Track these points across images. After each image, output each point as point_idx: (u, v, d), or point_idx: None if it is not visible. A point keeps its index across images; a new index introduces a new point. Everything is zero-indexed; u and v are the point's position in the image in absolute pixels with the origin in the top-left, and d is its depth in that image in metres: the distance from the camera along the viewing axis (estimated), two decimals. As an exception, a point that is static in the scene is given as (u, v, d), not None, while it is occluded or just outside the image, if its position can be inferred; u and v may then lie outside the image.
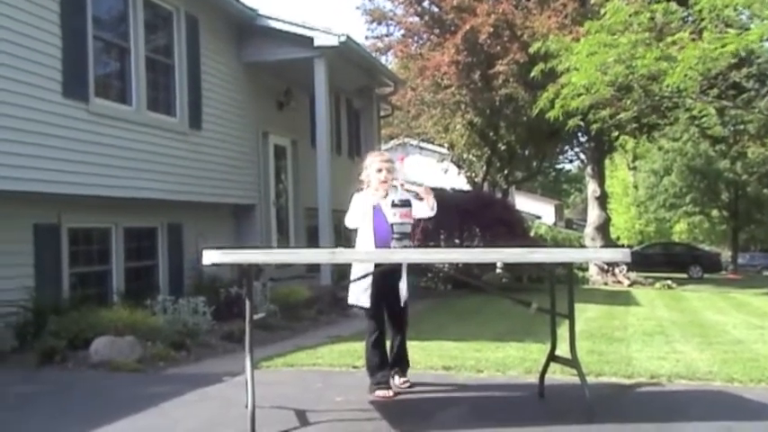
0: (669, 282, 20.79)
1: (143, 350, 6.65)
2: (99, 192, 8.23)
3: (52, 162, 7.49)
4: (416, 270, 14.13)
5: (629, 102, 14.39)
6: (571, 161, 32.07)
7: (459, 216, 15.58)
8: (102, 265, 8.86)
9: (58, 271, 7.93)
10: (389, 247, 4.94)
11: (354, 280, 5.22)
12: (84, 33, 8.05)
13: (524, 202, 35.43)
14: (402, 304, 5.31)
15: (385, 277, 5.15)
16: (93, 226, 8.76)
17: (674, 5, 13.23)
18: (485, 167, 22.70)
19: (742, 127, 29.12)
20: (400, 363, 5.43)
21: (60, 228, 8.02)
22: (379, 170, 5.31)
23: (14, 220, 7.48)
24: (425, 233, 15.11)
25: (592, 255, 12.73)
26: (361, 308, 5.33)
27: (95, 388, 5.75)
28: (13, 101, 7.01)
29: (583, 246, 24.27)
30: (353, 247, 5.55)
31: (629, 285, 20.19)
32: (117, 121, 8.58)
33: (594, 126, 15.01)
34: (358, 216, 5.30)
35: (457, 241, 15.94)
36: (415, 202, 5.20)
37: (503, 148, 22.29)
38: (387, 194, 5.28)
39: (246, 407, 4.26)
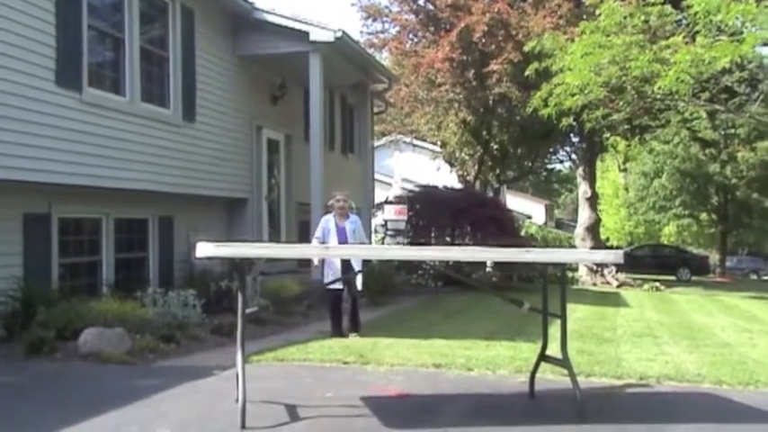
0: (657, 284, 20.87)
1: (132, 342, 6.63)
2: (90, 182, 8.18)
3: (43, 151, 7.43)
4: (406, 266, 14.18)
5: (621, 103, 14.42)
6: (562, 162, 32.08)
7: (452, 214, 15.57)
8: (92, 255, 8.81)
9: (47, 261, 7.88)
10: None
11: (328, 283, 8.04)
12: (78, 22, 7.98)
13: (515, 202, 35.48)
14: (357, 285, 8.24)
15: (346, 268, 7.92)
16: (83, 216, 8.71)
17: (668, 8, 13.27)
18: (477, 166, 22.73)
19: (732, 131, 29.40)
20: (354, 323, 8.14)
21: (50, 217, 7.97)
22: (338, 201, 8.23)
23: (4, 209, 7.42)
24: (417, 230, 15.18)
25: (586, 256, 12.72)
26: (332, 288, 7.99)
27: (84, 379, 5.73)
28: (4, 88, 6.93)
29: (573, 246, 24.32)
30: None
31: (618, 286, 20.25)
32: (110, 111, 8.52)
33: (587, 126, 15.02)
34: (320, 231, 8.19)
35: (448, 239, 15.94)
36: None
37: (495, 147, 22.32)
38: (347, 217, 8.17)
39: (237, 401, 4.26)
